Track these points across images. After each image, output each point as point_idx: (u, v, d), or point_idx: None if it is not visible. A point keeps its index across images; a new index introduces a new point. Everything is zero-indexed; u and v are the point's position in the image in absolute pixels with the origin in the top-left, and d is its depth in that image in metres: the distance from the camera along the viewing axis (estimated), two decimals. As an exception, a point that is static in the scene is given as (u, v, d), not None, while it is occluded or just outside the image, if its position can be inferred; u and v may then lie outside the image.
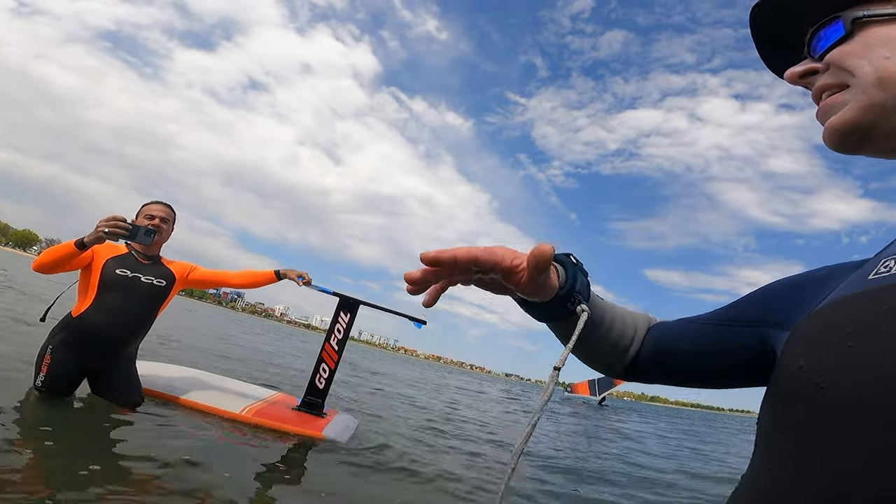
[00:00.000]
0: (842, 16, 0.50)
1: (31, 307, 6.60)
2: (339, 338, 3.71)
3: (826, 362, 0.40)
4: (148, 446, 2.33)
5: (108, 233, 2.38)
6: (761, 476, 0.44)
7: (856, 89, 0.47)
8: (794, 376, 0.43)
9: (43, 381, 2.60)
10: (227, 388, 3.79)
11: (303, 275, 3.26)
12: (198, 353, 6.86)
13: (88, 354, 2.69)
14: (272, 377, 6.24)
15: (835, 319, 0.43)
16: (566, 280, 0.59)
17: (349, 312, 3.76)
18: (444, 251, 0.51)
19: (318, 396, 3.57)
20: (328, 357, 3.65)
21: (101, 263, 2.71)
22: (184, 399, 3.26)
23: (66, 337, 2.65)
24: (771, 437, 0.44)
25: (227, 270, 3.21)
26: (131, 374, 2.93)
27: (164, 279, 2.88)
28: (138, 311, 2.79)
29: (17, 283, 11.26)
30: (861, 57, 0.47)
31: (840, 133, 0.48)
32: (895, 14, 0.46)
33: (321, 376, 3.59)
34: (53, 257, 2.49)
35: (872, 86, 0.45)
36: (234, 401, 3.37)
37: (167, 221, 2.88)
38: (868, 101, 0.46)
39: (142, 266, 2.82)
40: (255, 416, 3.22)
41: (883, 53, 0.46)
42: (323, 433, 3.21)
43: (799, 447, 0.40)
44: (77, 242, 2.44)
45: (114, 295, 2.70)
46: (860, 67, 0.46)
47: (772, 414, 0.46)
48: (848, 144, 0.48)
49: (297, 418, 3.36)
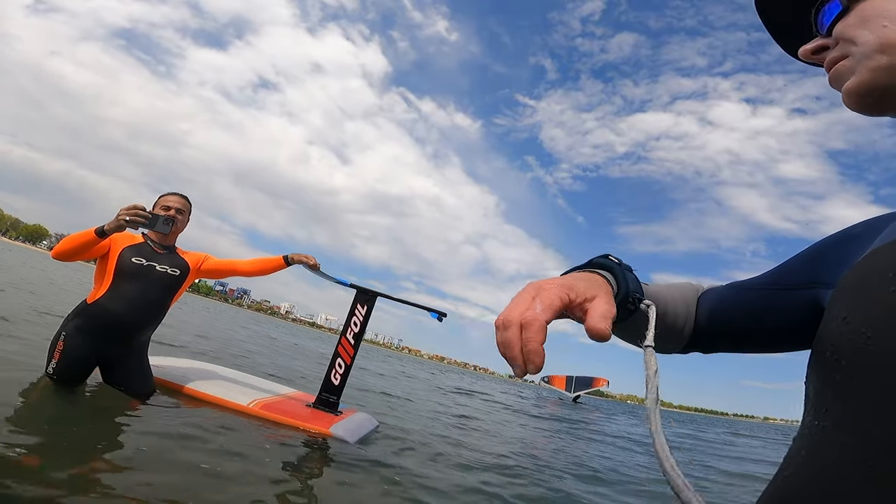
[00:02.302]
0: None
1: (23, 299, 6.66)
2: (356, 332, 3.62)
3: (871, 310, 0.41)
4: (155, 438, 2.34)
5: (129, 221, 2.43)
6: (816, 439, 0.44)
7: (860, 56, 0.49)
8: (838, 329, 0.43)
9: (55, 367, 2.61)
10: (241, 381, 3.77)
11: (310, 258, 3.21)
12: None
13: (102, 341, 2.71)
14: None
15: (876, 267, 0.44)
16: (618, 286, 0.58)
17: (366, 305, 3.66)
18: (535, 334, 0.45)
19: (334, 393, 3.50)
20: (344, 352, 3.57)
21: (117, 252, 2.74)
22: (194, 390, 3.26)
23: (80, 323, 2.67)
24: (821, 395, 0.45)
25: (237, 259, 3.23)
26: (144, 364, 2.95)
27: (179, 268, 2.92)
28: (153, 299, 2.82)
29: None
30: (861, 27, 0.49)
31: (858, 94, 0.50)
32: None
33: (336, 372, 3.51)
34: (73, 245, 2.54)
35: (876, 51, 0.48)
36: (244, 394, 3.35)
37: (183, 212, 2.92)
38: (875, 65, 0.48)
39: (157, 255, 2.86)
40: (261, 410, 3.19)
41: (881, 23, 0.48)
42: (330, 430, 3.13)
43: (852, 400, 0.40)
44: (97, 230, 2.49)
45: (129, 283, 2.73)
46: (861, 36, 0.49)
47: (819, 372, 0.46)
48: (868, 105, 0.50)
49: (308, 414, 3.30)
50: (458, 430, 5.29)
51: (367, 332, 3.80)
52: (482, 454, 4.07)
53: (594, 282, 0.53)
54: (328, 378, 3.52)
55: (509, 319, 0.45)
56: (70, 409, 2.49)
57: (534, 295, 0.47)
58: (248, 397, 3.30)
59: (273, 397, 3.51)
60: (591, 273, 0.57)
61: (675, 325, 0.68)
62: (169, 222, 2.63)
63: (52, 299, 7.38)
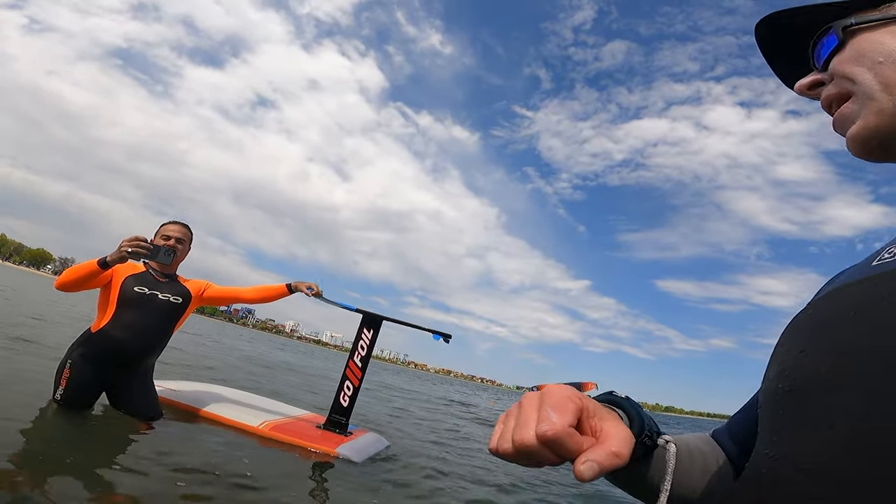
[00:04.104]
0: (834, 26, 0.52)
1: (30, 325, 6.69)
2: (363, 355, 3.72)
3: (830, 343, 0.41)
4: (163, 459, 2.40)
5: (131, 252, 2.48)
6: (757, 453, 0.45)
7: (862, 97, 0.48)
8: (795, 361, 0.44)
9: (62, 394, 2.69)
10: (251, 403, 3.85)
11: (312, 286, 3.30)
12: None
13: (107, 368, 2.78)
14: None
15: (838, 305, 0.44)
16: (631, 420, 0.50)
17: (372, 329, 3.76)
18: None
19: (343, 415, 3.58)
20: (352, 375, 3.66)
21: (120, 281, 2.81)
22: (206, 412, 3.34)
23: (85, 351, 2.75)
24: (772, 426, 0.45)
25: (239, 287, 3.30)
26: (149, 389, 3.03)
27: (181, 296, 2.97)
28: (155, 327, 2.88)
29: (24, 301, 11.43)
30: (857, 64, 0.49)
31: (861, 140, 0.49)
32: (881, 19, 0.48)
33: (345, 394, 3.61)
34: (76, 276, 2.60)
35: (879, 91, 0.46)
36: (254, 416, 3.43)
37: (183, 242, 2.98)
38: (879, 107, 0.46)
39: (159, 284, 2.92)
40: (270, 431, 3.26)
41: (876, 59, 0.47)
42: (337, 451, 3.19)
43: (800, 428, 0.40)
44: (100, 262, 2.54)
45: (132, 311, 2.80)
46: (859, 75, 0.48)
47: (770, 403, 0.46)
48: (871, 151, 0.49)
49: (317, 435, 3.36)
50: (463, 446, 5.35)
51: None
52: (488, 471, 4.14)
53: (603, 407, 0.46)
54: (337, 400, 3.62)
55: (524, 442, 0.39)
56: (79, 432, 2.56)
57: (538, 403, 0.41)
58: (259, 419, 3.38)
59: (284, 419, 3.58)
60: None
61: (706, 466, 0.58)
62: (170, 253, 2.70)
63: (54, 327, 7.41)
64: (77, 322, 8.44)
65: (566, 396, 0.40)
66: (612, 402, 0.52)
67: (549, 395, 0.41)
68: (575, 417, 0.39)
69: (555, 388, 0.42)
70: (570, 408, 0.39)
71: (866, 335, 0.38)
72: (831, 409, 0.38)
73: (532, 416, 0.40)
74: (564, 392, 0.41)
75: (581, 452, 0.38)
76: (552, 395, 0.41)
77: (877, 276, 0.43)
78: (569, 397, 0.41)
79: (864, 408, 0.36)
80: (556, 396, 0.40)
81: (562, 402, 0.40)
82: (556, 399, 0.40)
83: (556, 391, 0.41)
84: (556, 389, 0.41)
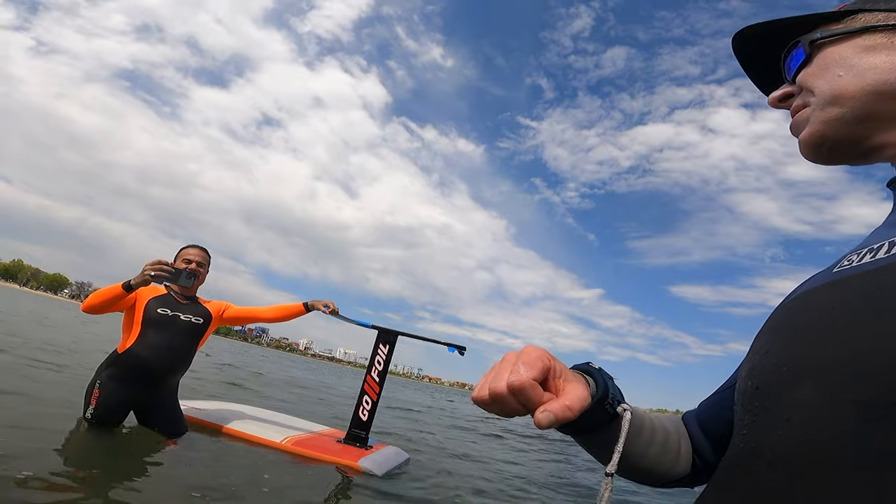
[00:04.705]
0: (801, 40, 0.55)
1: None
2: (380, 370, 3.82)
3: (784, 342, 0.46)
4: (188, 474, 2.50)
5: (155, 276, 2.59)
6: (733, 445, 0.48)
7: (815, 106, 0.52)
8: (761, 361, 0.47)
9: (93, 413, 2.80)
10: (274, 420, 3.95)
11: (328, 304, 3.40)
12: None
13: (134, 387, 2.89)
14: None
15: (798, 310, 0.48)
16: (597, 386, 0.55)
17: (388, 344, 3.86)
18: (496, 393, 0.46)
19: (363, 429, 3.67)
20: (370, 389, 3.75)
21: (143, 303, 2.92)
22: (230, 429, 3.44)
23: (113, 372, 2.86)
24: (742, 420, 0.48)
25: (257, 307, 3.40)
26: (175, 407, 3.13)
27: (202, 317, 3.07)
28: (178, 347, 2.98)
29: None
30: (819, 77, 0.52)
31: (809, 145, 0.53)
32: (844, 33, 0.52)
33: (364, 408, 3.70)
34: (101, 299, 2.72)
35: (828, 102, 0.51)
36: (277, 431, 3.52)
37: (203, 265, 3.09)
38: (827, 117, 0.51)
39: (180, 305, 3.02)
40: (293, 446, 3.35)
41: (837, 72, 0.51)
42: (359, 464, 3.26)
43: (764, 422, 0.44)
44: (124, 285, 2.65)
45: (156, 332, 2.90)
46: (818, 87, 0.52)
47: (741, 400, 0.49)
48: (820, 154, 0.54)
49: (338, 449, 3.44)
50: (482, 459, 5.38)
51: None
52: (509, 484, 4.18)
53: (572, 372, 0.52)
54: (356, 414, 3.70)
55: (496, 390, 0.45)
56: (109, 449, 2.68)
57: (514, 360, 0.47)
58: (281, 434, 3.48)
59: (305, 434, 3.68)
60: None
61: (666, 445, 0.63)
62: (192, 276, 2.81)
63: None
64: (101, 343, 8.60)
65: (537, 356, 0.47)
66: (586, 371, 0.57)
67: (524, 354, 0.47)
68: (541, 374, 0.46)
69: (530, 348, 0.48)
70: (539, 365, 0.46)
71: (819, 339, 0.42)
72: (788, 404, 0.41)
73: (506, 370, 0.46)
74: (537, 353, 0.48)
75: (542, 404, 0.45)
76: (526, 354, 0.47)
77: (832, 282, 0.47)
78: (539, 357, 0.47)
79: (817, 403, 0.39)
80: (529, 355, 0.47)
81: (532, 360, 0.46)
82: (528, 357, 0.47)
83: (530, 351, 0.48)
84: (531, 350, 0.48)
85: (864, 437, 0.35)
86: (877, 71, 0.49)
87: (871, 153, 0.52)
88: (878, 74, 0.48)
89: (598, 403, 0.53)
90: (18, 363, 4.64)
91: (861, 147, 0.51)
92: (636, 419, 0.58)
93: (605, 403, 0.54)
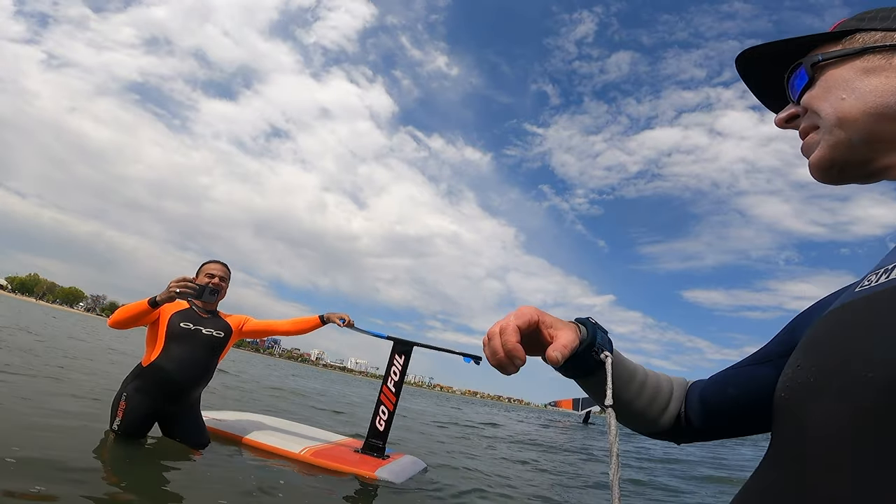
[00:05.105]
0: (803, 62, 0.56)
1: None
2: (396, 380, 3.89)
3: (816, 358, 0.47)
4: (211, 483, 2.60)
5: (180, 292, 2.68)
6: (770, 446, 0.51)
7: (823, 130, 0.54)
8: (792, 374, 0.50)
9: (119, 424, 2.89)
10: (292, 431, 4.04)
11: (343, 317, 3.47)
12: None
13: (159, 399, 2.98)
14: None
15: (823, 327, 0.50)
16: (587, 335, 0.63)
17: (403, 355, 3.93)
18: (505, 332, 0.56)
19: (380, 439, 3.73)
20: (386, 400, 3.82)
21: (166, 318, 3.02)
22: (251, 440, 3.54)
23: (139, 385, 2.96)
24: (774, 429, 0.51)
25: (275, 320, 3.49)
26: (198, 418, 3.23)
27: (223, 331, 3.16)
28: (201, 360, 3.07)
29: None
30: (823, 100, 0.53)
31: (819, 169, 0.55)
32: (845, 54, 0.53)
33: (381, 418, 3.76)
34: (128, 315, 2.82)
35: (835, 126, 0.52)
36: (296, 442, 3.60)
37: (224, 280, 3.18)
38: (834, 140, 0.52)
39: (202, 319, 3.11)
40: (312, 457, 3.42)
41: (840, 95, 0.52)
42: (376, 473, 3.32)
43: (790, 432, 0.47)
44: (150, 301, 2.75)
45: (179, 346, 3.00)
46: (823, 110, 0.53)
47: (774, 410, 0.52)
48: (830, 177, 0.56)
49: (356, 459, 3.51)
50: (499, 466, 5.43)
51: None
52: (526, 491, 4.22)
53: (566, 321, 0.62)
54: (373, 424, 3.77)
55: (490, 332, 0.57)
56: (135, 459, 2.78)
57: (511, 313, 0.58)
58: (300, 445, 3.55)
59: (323, 444, 3.75)
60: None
61: (655, 399, 0.70)
62: (214, 292, 2.91)
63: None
64: (122, 356, 8.74)
65: (526, 310, 0.58)
66: (581, 322, 0.65)
67: (518, 309, 0.58)
68: (527, 323, 0.56)
69: (523, 306, 0.58)
70: (526, 317, 0.57)
71: (838, 351, 0.45)
72: (809, 413, 0.44)
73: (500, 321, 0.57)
74: (527, 308, 0.58)
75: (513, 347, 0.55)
76: (518, 309, 0.58)
77: (852, 301, 0.49)
78: (530, 311, 0.58)
79: (836, 409, 0.41)
80: (520, 310, 0.58)
81: (520, 313, 0.57)
82: (519, 311, 0.58)
83: (522, 308, 0.58)
84: (523, 307, 0.58)
85: (876, 438, 0.37)
86: (877, 94, 0.50)
87: (879, 174, 0.54)
88: (878, 97, 0.50)
89: (587, 349, 0.62)
90: (48, 374, 4.78)
91: (868, 168, 0.53)
92: (624, 370, 0.67)
93: (593, 350, 0.63)
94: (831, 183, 0.57)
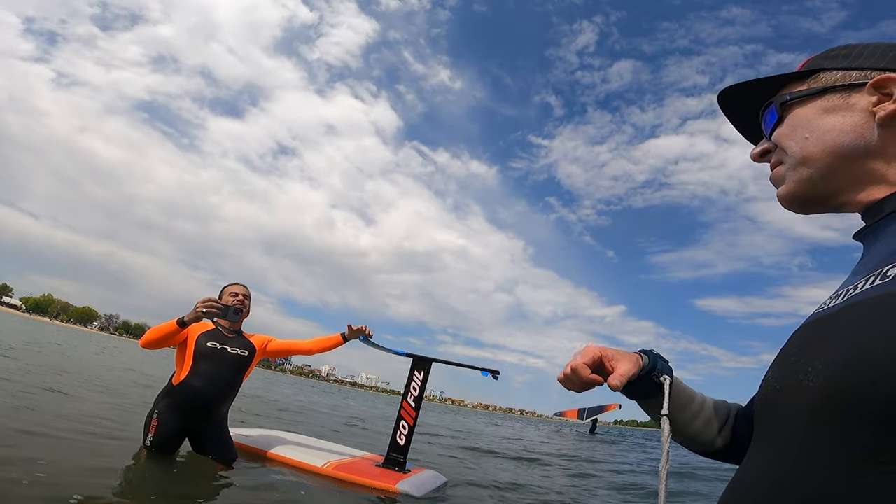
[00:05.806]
0: (774, 101, 0.60)
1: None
2: (416, 395, 4.00)
3: (780, 370, 0.52)
4: (239, 497, 2.73)
5: (206, 313, 2.81)
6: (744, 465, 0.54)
7: (788, 166, 0.58)
8: (766, 384, 0.55)
9: (152, 440, 3.03)
10: (315, 446, 4.17)
11: (362, 328, 3.55)
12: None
13: (189, 416, 3.12)
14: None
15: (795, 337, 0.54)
16: (648, 362, 0.71)
17: (422, 370, 4.04)
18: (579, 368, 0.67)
19: (400, 453, 3.83)
20: (406, 415, 3.94)
21: (194, 338, 3.15)
22: (275, 455, 3.68)
23: (169, 402, 3.10)
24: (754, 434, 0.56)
25: (297, 340, 3.61)
26: (226, 434, 3.36)
27: (247, 350, 3.29)
28: (227, 378, 3.20)
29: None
30: (790, 138, 0.57)
31: (785, 200, 0.60)
32: (809, 94, 0.56)
33: (401, 433, 3.87)
34: (158, 335, 2.95)
35: (799, 163, 0.56)
36: (319, 457, 3.72)
37: (247, 299, 3.30)
38: (798, 177, 0.57)
39: (228, 339, 3.24)
40: (334, 470, 3.53)
41: (804, 134, 0.55)
42: (397, 486, 3.40)
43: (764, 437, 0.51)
44: (179, 321, 2.88)
45: (207, 364, 3.13)
46: (790, 148, 0.57)
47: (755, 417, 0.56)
48: (795, 208, 0.60)
49: (377, 473, 3.61)
50: (516, 480, 5.48)
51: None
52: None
53: (628, 353, 0.70)
54: (394, 439, 3.88)
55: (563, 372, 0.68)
56: (168, 473, 2.92)
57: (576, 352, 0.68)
58: (323, 459, 3.67)
59: (345, 459, 3.86)
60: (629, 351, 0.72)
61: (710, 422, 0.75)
62: (238, 312, 3.03)
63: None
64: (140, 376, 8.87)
65: (589, 349, 0.68)
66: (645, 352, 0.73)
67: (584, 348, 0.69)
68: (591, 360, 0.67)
69: (586, 346, 0.69)
70: (589, 354, 0.67)
71: (791, 364, 0.50)
72: (777, 415, 0.49)
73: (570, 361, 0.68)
74: (590, 347, 0.69)
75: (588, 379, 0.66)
76: (583, 349, 0.69)
77: (808, 323, 0.53)
78: (594, 349, 0.68)
79: (792, 413, 0.46)
80: (584, 349, 0.69)
81: (584, 351, 0.68)
82: (583, 350, 0.69)
83: (586, 347, 0.69)
84: (587, 346, 0.69)
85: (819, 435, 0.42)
86: (834, 133, 0.53)
87: (840, 207, 0.57)
88: (835, 136, 0.53)
89: (647, 374, 0.70)
90: (79, 395, 4.92)
91: (829, 203, 0.58)
92: (682, 393, 0.73)
93: (653, 375, 0.71)
94: (798, 213, 0.62)
